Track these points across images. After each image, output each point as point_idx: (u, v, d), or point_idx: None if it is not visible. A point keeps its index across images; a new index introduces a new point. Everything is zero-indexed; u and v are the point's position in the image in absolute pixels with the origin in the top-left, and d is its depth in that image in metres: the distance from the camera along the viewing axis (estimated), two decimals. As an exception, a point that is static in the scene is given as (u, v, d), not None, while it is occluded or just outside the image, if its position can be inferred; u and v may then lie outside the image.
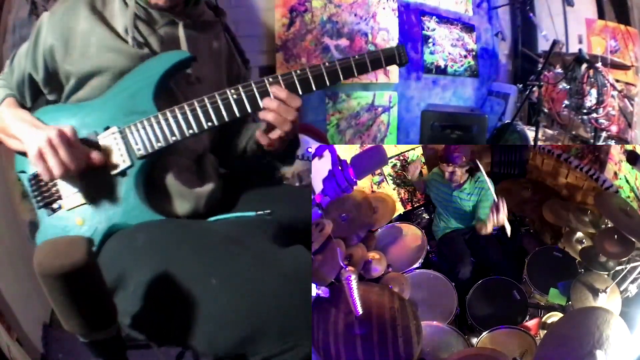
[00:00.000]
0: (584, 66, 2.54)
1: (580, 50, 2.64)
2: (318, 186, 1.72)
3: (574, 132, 2.67)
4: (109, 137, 1.02)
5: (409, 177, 2.26)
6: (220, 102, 1.01)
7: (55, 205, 1.03)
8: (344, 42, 2.82)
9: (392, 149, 2.40)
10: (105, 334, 0.83)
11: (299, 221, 1.16)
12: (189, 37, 1.11)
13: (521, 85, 2.87)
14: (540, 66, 2.66)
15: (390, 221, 2.19)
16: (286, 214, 1.12)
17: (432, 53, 3.02)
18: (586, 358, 1.17)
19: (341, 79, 1.05)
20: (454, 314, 1.73)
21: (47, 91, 1.12)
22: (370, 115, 2.94)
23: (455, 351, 1.51)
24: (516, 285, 1.80)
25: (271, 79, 1.02)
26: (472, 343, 1.61)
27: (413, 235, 2.11)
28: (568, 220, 1.91)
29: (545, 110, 2.76)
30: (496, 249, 2.07)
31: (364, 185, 2.33)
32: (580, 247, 1.83)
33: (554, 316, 1.64)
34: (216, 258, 0.92)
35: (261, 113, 1.04)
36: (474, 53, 3.11)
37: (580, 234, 1.89)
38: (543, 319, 1.64)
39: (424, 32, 2.99)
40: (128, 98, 1.03)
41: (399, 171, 2.44)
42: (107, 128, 1.03)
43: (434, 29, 3.01)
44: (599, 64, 2.53)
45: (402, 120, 3.02)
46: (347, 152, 2.09)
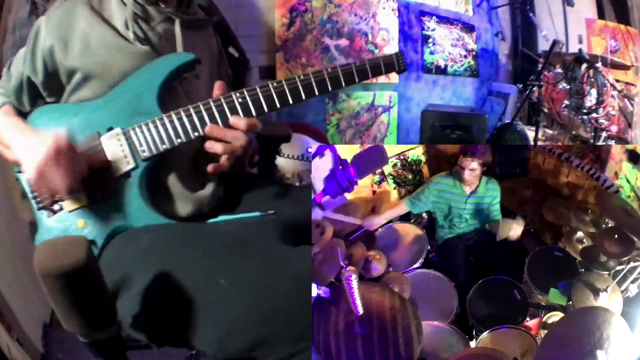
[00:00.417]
0: (584, 66, 2.54)
1: (580, 50, 2.64)
2: (318, 186, 1.71)
3: (574, 132, 2.67)
4: (113, 139, 1.01)
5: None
6: (225, 106, 1.01)
7: (55, 206, 1.02)
8: (344, 42, 2.82)
9: (392, 149, 2.40)
10: (105, 334, 0.83)
11: (302, 220, 1.16)
12: (185, 35, 1.11)
13: (521, 85, 2.87)
14: (540, 66, 2.66)
15: (390, 221, 2.19)
16: (290, 213, 1.12)
17: (432, 53, 3.01)
18: (587, 358, 1.16)
19: (343, 85, 1.06)
20: (454, 314, 1.72)
21: (47, 94, 1.11)
22: (370, 115, 2.94)
23: (455, 351, 1.51)
24: (517, 285, 1.79)
25: (275, 84, 1.01)
26: (473, 343, 1.61)
27: (413, 235, 2.11)
28: (568, 219, 1.91)
29: (545, 110, 2.76)
30: (497, 249, 2.07)
31: (365, 184, 2.32)
32: (580, 247, 1.83)
33: (555, 316, 1.63)
34: (225, 260, 0.91)
35: (207, 143, 1.01)
36: (474, 53, 3.11)
37: (580, 234, 1.89)
38: (544, 319, 1.64)
39: (424, 32, 2.99)
40: (132, 99, 1.02)
41: (400, 171, 2.44)
42: (110, 129, 1.01)
43: (434, 29, 3.01)
44: (599, 64, 2.53)
45: (402, 120, 3.02)
46: (347, 152, 2.09)
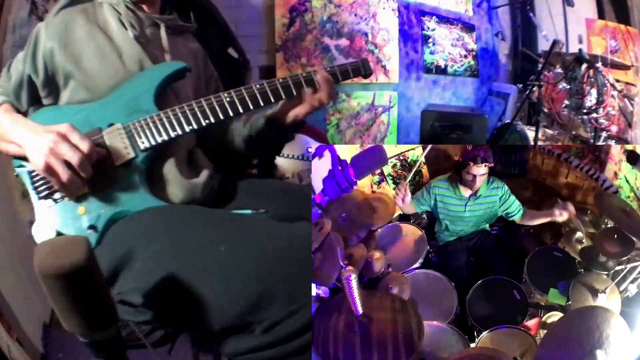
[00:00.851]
0: (584, 66, 2.54)
1: (580, 50, 2.64)
2: (318, 186, 1.71)
3: (574, 132, 2.67)
4: (114, 132, 1.07)
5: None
6: (215, 104, 1.10)
7: (57, 195, 1.05)
8: (344, 42, 2.82)
9: (392, 149, 2.40)
10: (105, 334, 0.83)
11: (295, 217, 1.16)
12: (170, 38, 1.23)
13: (521, 85, 2.87)
14: (540, 66, 2.66)
15: (390, 221, 2.19)
16: (284, 212, 1.14)
17: (432, 53, 3.01)
18: (586, 358, 1.16)
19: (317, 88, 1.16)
20: (454, 314, 1.73)
21: (45, 94, 1.15)
22: (370, 115, 2.94)
23: (455, 351, 1.51)
24: (516, 285, 1.80)
25: (261, 85, 1.11)
26: (472, 343, 1.61)
27: (413, 235, 2.11)
28: (568, 219, 1.91)
29: (545, 110, 2.76)
30: (497, 250, 2.07)
31: (364, 185, 2.33)
32: (580, 247, 1.83)
33: (554, 316, 1.64)
34: (225, 229, 0.95)
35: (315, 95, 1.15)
36: (474, 53, 3.11)
37: (580, 234, 1.89)
38: (543, 319, 1.64)
39: (424, 32, 2.99)
40: (131, 100, 1.09)
41: (399, 171, 2.44)
42: (111, 125, 1.07)
43: (434, 29, 3.01)
44: (599, 64, 2.53)
45: (402, 120, 3.02)
46: (347, 152, 2.09)
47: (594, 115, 2.55)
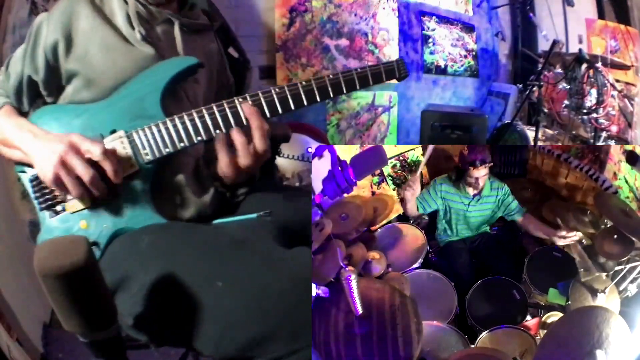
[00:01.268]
0: (584, 66, 2.54)
1: (580, 50, 2.64)
2: (318, 186, 1.71)
3: (574, 132, 2.68)
4: (116, 141, 1.01)
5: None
6: (228, 111, 1.02)
7: (58, 207, 1.02)
8: (344, 42, 2.82)
9: (392, 149, 2.40)
10: (105, 334, 0.83)
11: (299, 221, 1.16)
12: (185, 37, 1.12)
13: (521, 85, 2.87)
14: (540, 66, 2.66)
15: (390, 221, 2.19)
16: (287, 215, 1.12)
17: (432, 53, 3.02)
18: (586, 357, 1.16)
19: (344, 92, 1.06)
20: (454, 314, 1.73)
21: (47, 93, 1.10)
22: (370, 115, 2.94)
23: (455, 351, 1.51)
24: (516, 285, 1.80)
25: (278, 89, 1.02)
26: (472, 343, 1.61)
27: (413, 235, 2.10)
28: (568, 220, 1.91)
29: (545, 110, 2.76)
30: (497, 250, 2.07)
31: (364, 185, 2.33)
32: (580, 247, 1.83)
33: (554, 316, 1.64)
34: (222, 260, 0.91)
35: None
36: (474, 53, 3.11)
37: (579, 234, 1.89)
38: (543, 319, 1.64)
39: (424, 32, 2.99)
40: (135, 102, 1.02)
41: (399, 171, 2.44)
42: (114, 131, 1.01)
43: (434, 29, 3.01)
44: (599, 64, 2.53)
45: (402, 120, 3.02)
46: (347, 152, 2.09)
47: (594, 115, 2.55)
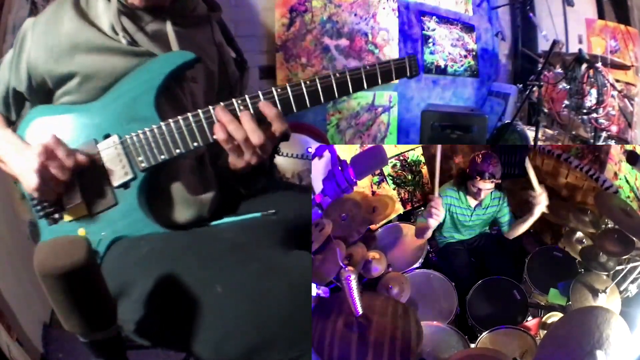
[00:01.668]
0: (584, 66, 2.54)
1: (580, 50, 2.64)
2: (318, 186, 1.72)
3: (574, 132, 2.68)
4: (110, 148, 0.99)
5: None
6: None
7: (56, 215, 1.01)
8: (344, 42, 2.82)
9: (392, 149, 2.40)
10: (105, 334, 0.83)
11: (302, 220, 1.15)
12: (179, 34, 1.05)
13: (521, 85, 2.88)
14: (540, 66, 2.66)
15: (390, 221, 2.19)
16: (290, 213, 1.12)
17: (432, 53, 3.02)
18: (586, 358, 1.16)
19: (350, 92, 0.97)
20: (454, 314, 1.73)
21: (36, 102, 1.07)
22: (370, 115, 2.94)
23: (455, 351, 1.51)
24: (516, 285, 1.80)
25: (280, 90, 0.95)
26: (472, 343, 1.61)
27: (413, 235, 2.10)
28: (568, 220, 1.91)
29: (545, 110, 2.76)
30: (497, 250, 2.07)
31: (364, 185, 2.33)
32: (580, 247, 1.83)
33: (554, 316, 1.63)
34: (222, 266, 0.91)
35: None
36: (474, 53, 3.11)
37: (580, 234, 1.89)
38: (543, 319, 1.64)
39: (424, 32, 2.99)
40: (128, 103, 0.99)
41: (399, 171, 2.44)
42: (107, 136, 0.99)
43: (434, 29, 3.01)
44: (599, 64, 2.53)
45: (402, 120, 3.02)
46: (347, 152, 2.09)
47: (594, 115, 2.55)
